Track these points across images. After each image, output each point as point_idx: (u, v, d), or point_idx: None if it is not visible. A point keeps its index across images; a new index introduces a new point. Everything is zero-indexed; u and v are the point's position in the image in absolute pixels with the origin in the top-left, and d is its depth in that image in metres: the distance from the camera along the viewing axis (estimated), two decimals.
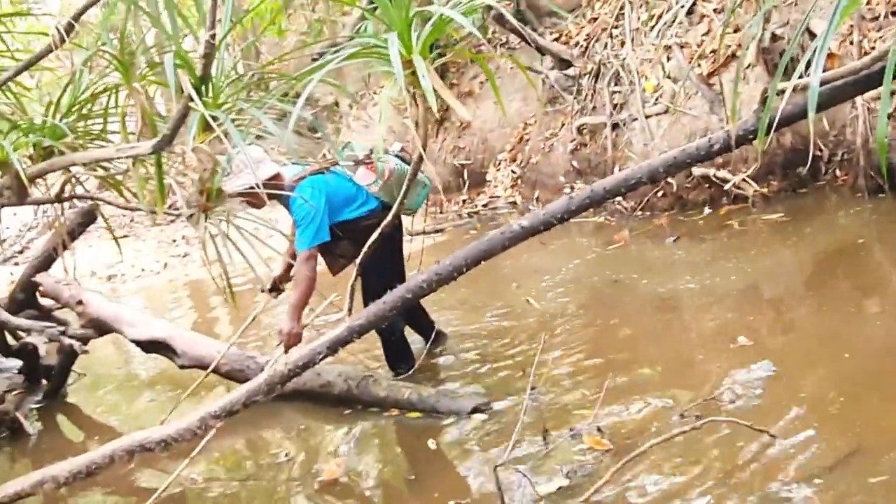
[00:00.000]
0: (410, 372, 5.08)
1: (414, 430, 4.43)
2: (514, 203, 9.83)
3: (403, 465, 4.11)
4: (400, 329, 5.19)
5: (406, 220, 5.33)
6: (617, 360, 4.76)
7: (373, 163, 4.93)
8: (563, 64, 9.26)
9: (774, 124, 2.15)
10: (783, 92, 2.22)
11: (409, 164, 4.78)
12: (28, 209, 13.65)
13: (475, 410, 4.37)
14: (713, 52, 7.73)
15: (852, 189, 6.80)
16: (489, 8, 9.47)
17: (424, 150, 2.56)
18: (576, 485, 3.42)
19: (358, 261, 3.51)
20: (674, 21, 8.22)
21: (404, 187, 3.35)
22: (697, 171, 7.44)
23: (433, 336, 5.46)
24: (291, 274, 4.98)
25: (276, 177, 4.74)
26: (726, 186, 7.28)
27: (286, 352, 4.34)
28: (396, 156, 5.09)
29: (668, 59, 8.10)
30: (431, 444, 4.22)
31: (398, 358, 5.21)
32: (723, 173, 7.33)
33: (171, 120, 3.00)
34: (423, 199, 5.25)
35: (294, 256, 4.87)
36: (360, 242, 3.91)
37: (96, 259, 11.57)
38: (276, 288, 5.11)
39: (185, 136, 3.15)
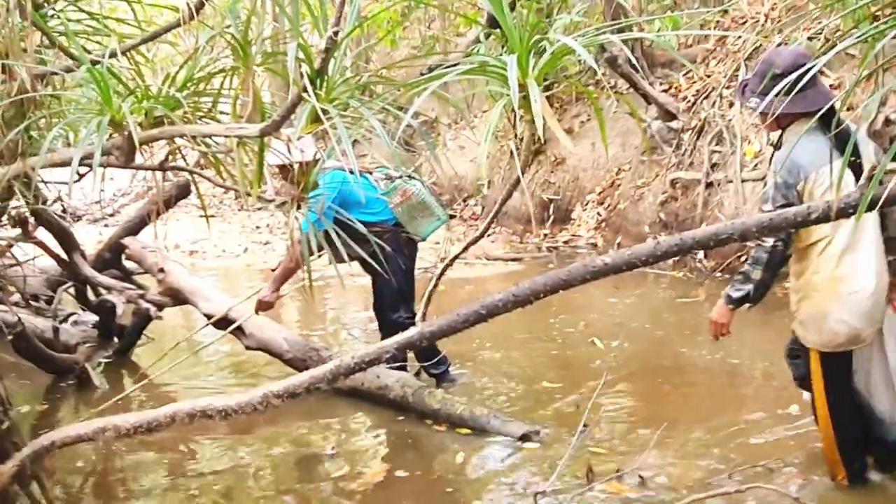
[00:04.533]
0: (452, 377, 5.36)
1: (461, 446, 4.46)
2: (595, 245, 9.80)
3: (445, 478, 4.14)
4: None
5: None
6: (672, 413, 4.71)
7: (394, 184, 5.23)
8: (668, 116, 9.22)
9: (879, 202, 2.13)
10: (893, 172, 2.20)
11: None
12: (125, 176, 14.10)
13: (524, 437, 4.39)
14: None
15: None
16: (602, 50, 9.52)
17: (523, 173, 2.61)
18: None
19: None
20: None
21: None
22: None
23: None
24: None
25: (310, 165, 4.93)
26: None
27: (256, 313, 5.21)
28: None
29: None
30: (476, 461, 4.25)
31: (430, 358, 5.26)
32: None
33: (282, 107, 3.09)
34: (432, 230, 5.38)
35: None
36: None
37: (181, 233, 11.89)
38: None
39: (293, 125, 3.24)
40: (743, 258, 7.63)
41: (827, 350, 3.44)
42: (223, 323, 5.72)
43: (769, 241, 3.32)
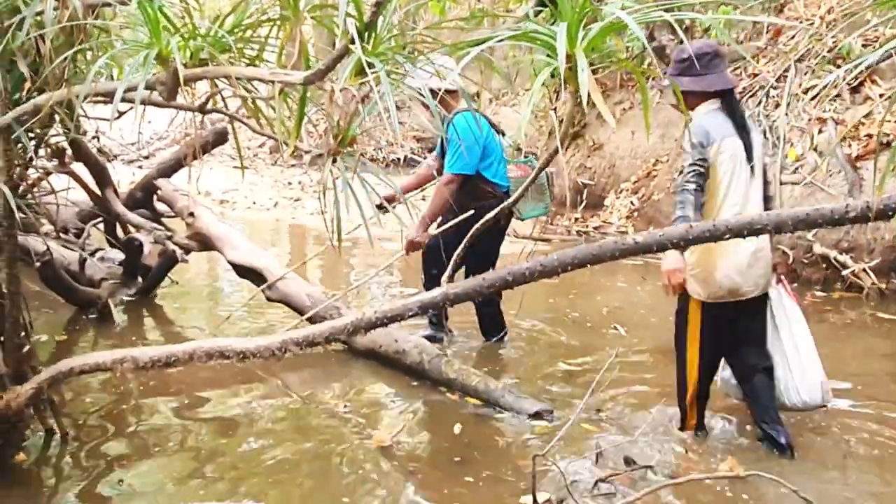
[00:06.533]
0: (502, 340, 5.62)
1: (472, 417, 4.46)
2: (625, 233, 9.74)
3: (451, 448, 4.14)
4: (497, 303, 5.55)
5: (516, 223, 5.48)
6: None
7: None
8: None
9: None
10: None
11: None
12: (162, 120, 14.18)
13: (536, 415, 4.37)
14: (868, 136, 7.49)
15: None
16: (651, 38, 9.41)
17: (562, 145, 2.58)
18: None
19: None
20: (836, 96, 7.99)
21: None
22: (819, 249, 7.24)
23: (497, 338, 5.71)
24: (401, 199, 5.40)
25: (454, 94, 5.10)
26: (844, 272, 7.06)
27: (407, 254, 5.17)
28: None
29: (820, 131, 7.88)
30: (483, 433, 4.26)
31: (492, 326, 5.64)
32: (844, 258, 7.11)
33: (328, 56, 3.08)
34: (534, 214, 5.56)
35: (426, 179, 5.62)
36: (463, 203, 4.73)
37: (214, 182, 11.97)
38: (382, 206, 5.36)
39: (337, 76, 3.23)
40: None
41: (710, 301, 3.94)
42: (249, 272, 5.76)
43: (691, 185, 3.82)
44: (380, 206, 5.25)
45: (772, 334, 4.12)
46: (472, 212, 4.77)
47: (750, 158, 3.89)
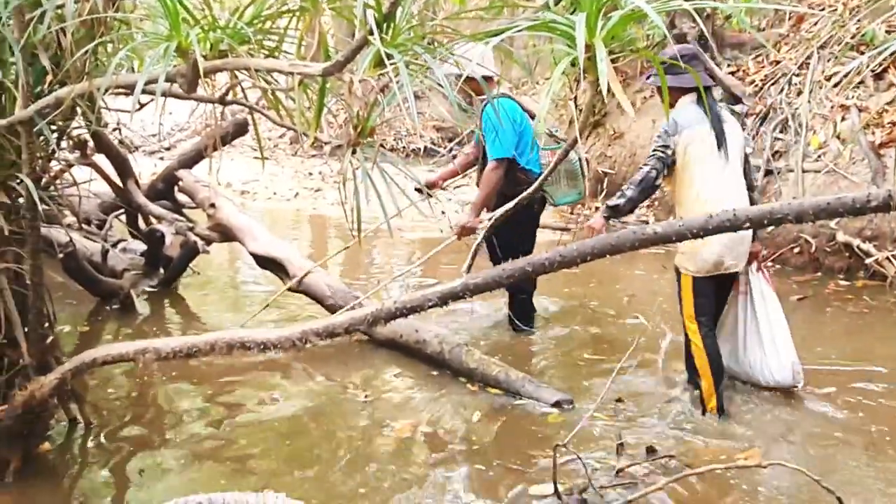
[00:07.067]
0: (532, 330, 5.68)
1: (492, 406, 4.47)
2: (646, 223, 9.68)
3: (473, 436, 4.15)
4: (529, 291, 5.68)
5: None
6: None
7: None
8: (733, 99, 9.03)
9: None
10: None
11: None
12: (183, 112, 14.23)
13: (557, 405, 4.38)
14: (892, 123, 7.41)
15: None
16: (672, 26, 9.34)
17: (581, 134, 2.57)
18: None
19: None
20: (860, 83, 7.90)
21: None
22: (842, 237, 7.17)
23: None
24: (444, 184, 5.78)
25: (490, 80, 5.30)
26: (867, 260, 6.99)
27: (459, 239, 5.24)
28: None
29: (843, 119, 7.81)
30: (503, 423, 4.27)
31: (522, 315, 5.70)
32: (867, 246, 7.04)
33: (347, 48, 3.08)
34: (566, 201, 5.60)
35: (463, 167, 5.82)
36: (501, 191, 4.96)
37: (234, 173, 11.99)
38: (422, 190, 5.41)
39: (356, 67, 3.23)
40: (797, 250, 7.52)
41: (699, 275, 4.32)
42: (269, 262, 5.79)
43: (647, 167, 4.30)
44: (419, 191, 5.32)
45: (750, 318, 4.52)
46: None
47: (720, 147, 4.27)
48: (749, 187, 4.45)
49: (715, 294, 4.44)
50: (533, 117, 5.42)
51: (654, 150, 4.32)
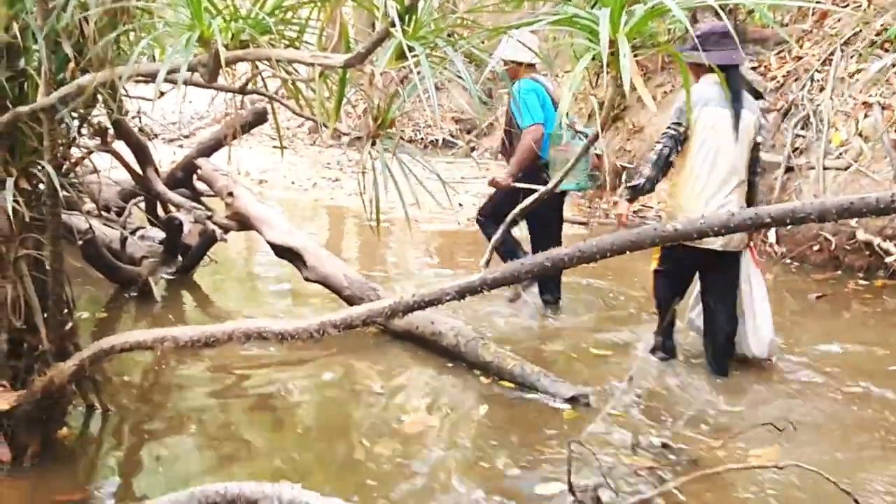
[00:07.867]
0: (557, 305, 5.99)
1: (507, 401, 4.47)
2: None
3: (486, 431, 4.16)
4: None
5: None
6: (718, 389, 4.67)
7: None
8: (754, 94, 8.96)
9: None
10: None
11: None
12: (203, 100, 14.30)
13: (573, 399, 4.37)
14: None
15: None
16: (695, 21, 9.27)
17: (603, 129, 2.56)
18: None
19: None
20: (884, 80, 7.83)
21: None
22: (862, 236, 7.12)
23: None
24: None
25: (531, 67, 5.61)
26: (887, 259, 6.94)
27: (490, 185, 5.61)
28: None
29: (866, 116, 7.74)
30: (517, 418, 4.27)
31: (547, 290, 5.98)
32: (888, 245, 6.99)
33: (368, 40, 3.07)
34: (578, 186, 5.86)
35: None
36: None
37: (253, 161, 12.02)
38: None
39: (376, 60, 3.22)
40: (816, 248, 7.47)
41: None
42: (286, 252, 5.79)
43: (660, 144, 4.57)
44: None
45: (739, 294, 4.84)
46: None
47: (735, 127, 4.48)
48: (752, 172, 4.68)
49: (699, 271, 4.78)
50: (556, 106, 5.51)
51: (667, 129, 4.58)
